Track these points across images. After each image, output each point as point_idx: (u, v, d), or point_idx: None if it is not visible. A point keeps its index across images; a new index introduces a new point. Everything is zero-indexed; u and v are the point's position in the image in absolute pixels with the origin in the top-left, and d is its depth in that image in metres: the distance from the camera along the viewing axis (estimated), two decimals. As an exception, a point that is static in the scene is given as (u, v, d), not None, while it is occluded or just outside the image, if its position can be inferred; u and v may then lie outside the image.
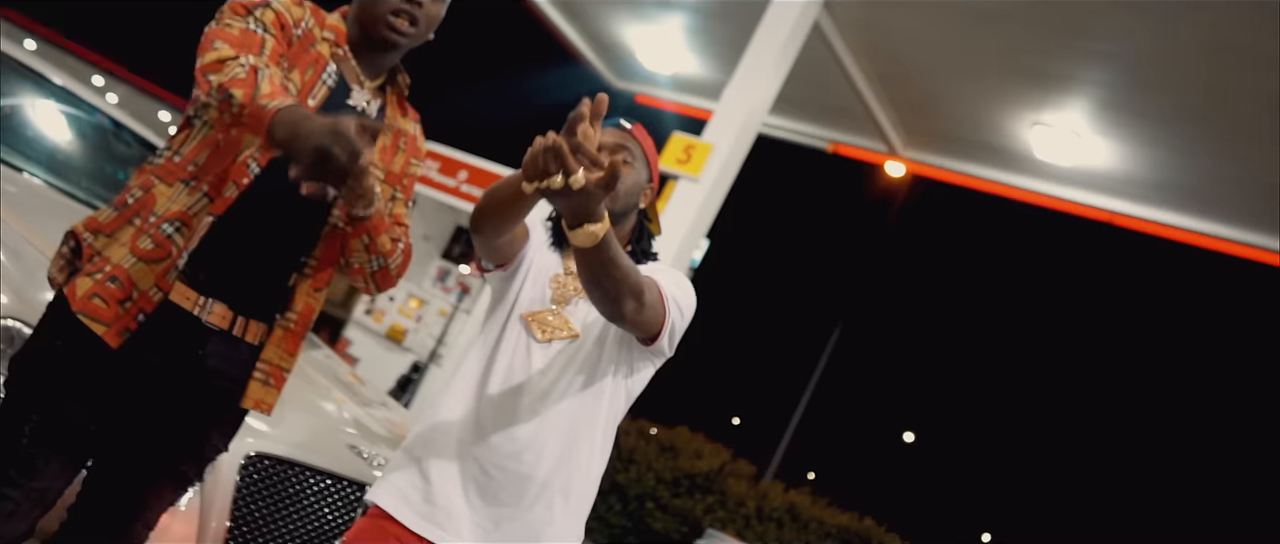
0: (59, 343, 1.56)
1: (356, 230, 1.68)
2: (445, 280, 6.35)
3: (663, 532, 8.26)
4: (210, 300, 1.62)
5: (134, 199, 1.60)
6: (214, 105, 1.45)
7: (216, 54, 1.48)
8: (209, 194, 1.59)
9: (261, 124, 1.38)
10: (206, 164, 1.60)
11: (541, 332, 1.69)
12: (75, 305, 1.54)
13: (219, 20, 1.57)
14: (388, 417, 2.97)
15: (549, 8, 8.44)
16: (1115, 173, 6.37)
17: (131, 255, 1.56)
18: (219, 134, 1.60)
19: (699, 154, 5.88)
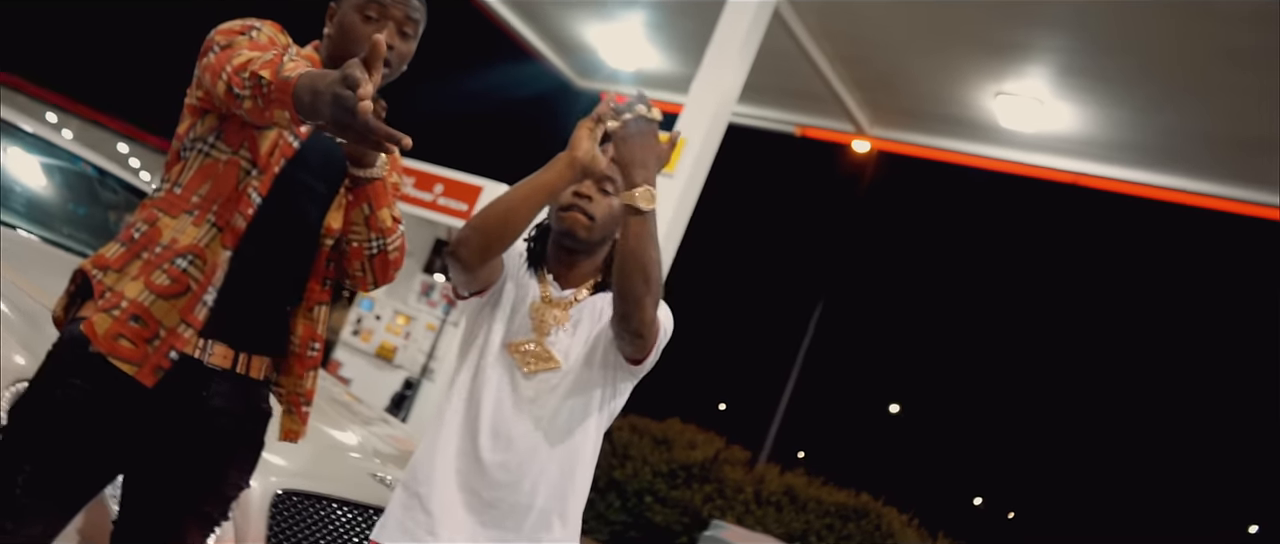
0: (77, 382, 1.55)
1: (357, 198, 1.70)
2: (430, 294, 6.37)
3: (664, 524, 8.33)
4: (210, 341, 1.63)
5: (139, 233, 1.61)
6: (247, 95, 1.47)
7: (244, 56, 1.51)
8: (217, 225, 1.60)
9: (287, 94, 1.40)
10: (210, 194, 1.61)
11: (525, 364, 1.71)
12: (99, 345, 1.54)
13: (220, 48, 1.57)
14: (391, 433, 3.03)
15: (507, 12, 8.45)
16: (1080, 136, 6.49)
17: (148, 291, 1.56)
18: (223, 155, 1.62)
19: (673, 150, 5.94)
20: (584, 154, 1.63)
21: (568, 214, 1.73)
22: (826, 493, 8.82)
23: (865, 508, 8.59)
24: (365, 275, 1.79)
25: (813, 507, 8.70)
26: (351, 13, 1.69)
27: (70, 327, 1.61)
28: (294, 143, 1.66)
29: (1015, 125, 6.58)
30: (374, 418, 3.19)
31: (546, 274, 1.78)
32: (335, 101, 1.30)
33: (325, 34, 1.75)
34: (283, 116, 1.44)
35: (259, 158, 1.63)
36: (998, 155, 7.06)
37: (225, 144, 1.63)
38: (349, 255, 1.76)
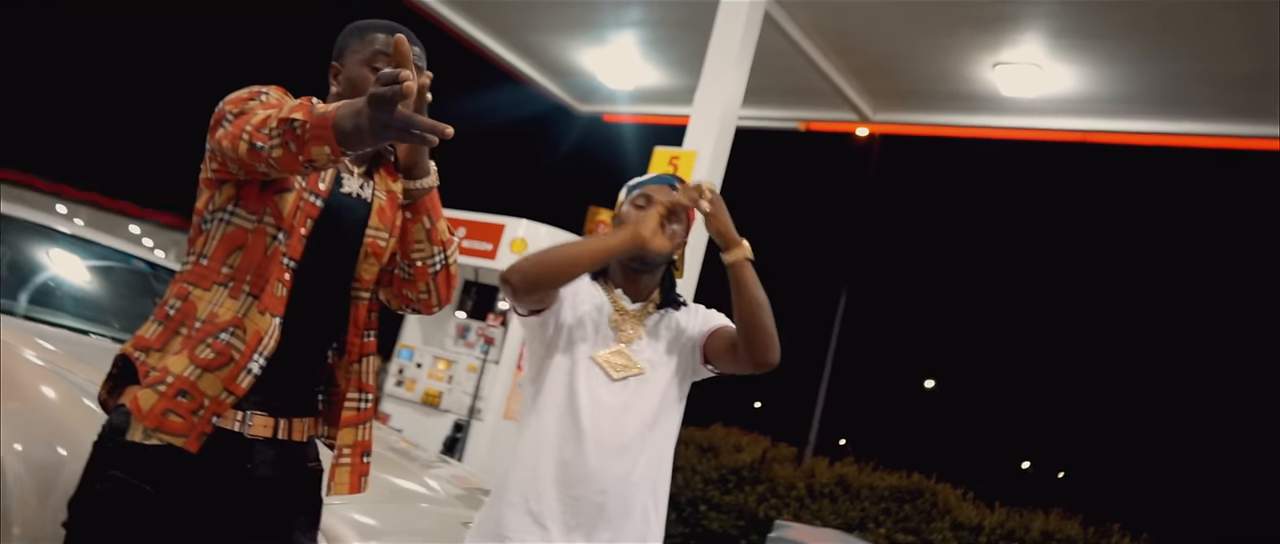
0: (116, 473, 1.56)
1: (417, 212, 1.76)
2: (467, 336, 6.48)
3: (720, 531, 8.39)
4: (248, 413, 1.65)
5: (175, 310, 1.64)
6: (277, 144, 1.48)
7: (260, 115, 1.54)
8: (253, 293, 1.62)
9: (326, 127, 1.43)
10: (241, 265, 1.64)
11: (614, 371, 1.86)
12: (146, 422, 1.55)
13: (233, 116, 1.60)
14: (454, 474, 3.15)
15: (502, 49, 8.59)
16: (1081, 95, 6.55)
17: (192, 365, 1.58)
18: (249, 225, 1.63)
19: (684, 163, 6.04)
20: (650, 234, 1.79)
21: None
22: (878, 478, 8.86)
23: (919, 487, 8.62)
24: (430, 295, 1.83)
25: (866, 493, 8.74)
26: (360, 67, 1.75)
27: (112, 415, 1.63)
28: (317, 202, 1.69)
29: (1017, 93, 6.65)
30: (433, 461, 3.32)
31: (614, 288, 1.96)
32: (374, 102, 1.34)
33: (332, 92, 1.80)
34: (322, 153, 1.45)
35: (283, 221, 1.65)
36: (1003, 124, 7.13)
37: (247, 211, 1.66)
38: (414, 277, 1.79)
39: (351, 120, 1.41)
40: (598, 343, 1.88)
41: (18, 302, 2.86)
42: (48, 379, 2.38)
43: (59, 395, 2.32)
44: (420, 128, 1.36)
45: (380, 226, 1.77)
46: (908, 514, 8.52)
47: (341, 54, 1.80)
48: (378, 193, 1.79)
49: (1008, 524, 8.10)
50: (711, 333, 1.96)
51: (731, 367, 1.93)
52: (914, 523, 8.46)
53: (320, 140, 1.44)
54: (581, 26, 7.70)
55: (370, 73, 1.74)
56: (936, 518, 8.38)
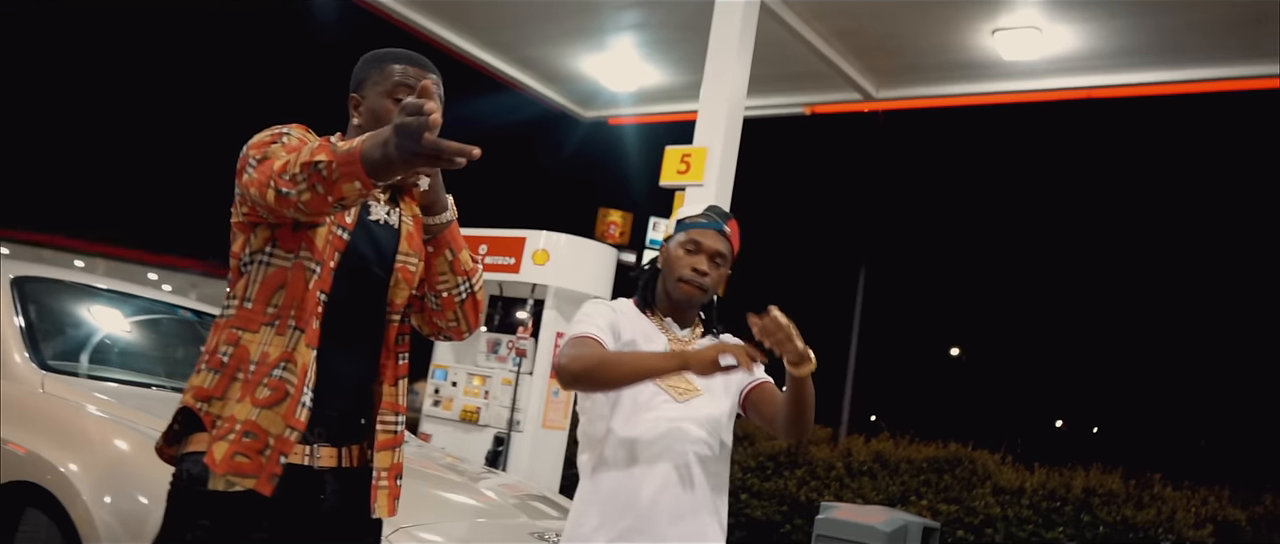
0: (205, 522, 1.60)
1: (438, 246, 1.81)
2: (498, 350, 6.58)
3: (764, 518, 8.46)
4: (315, 447, 1.70)
5: (227, 356, 1.66)
6: (304, 188, 1.50)
7: (280, 162, 1.56)
8: (298, 327, 1.66)
9: (354, 161, 1.44)
10: (285, 302, 1.67)
11: (678, 394, 2.01)
12: (219, 470, 1.59)
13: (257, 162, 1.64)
14: (502, 483, 3.26)
15: (503, 64, 8.68)
16: (1083, 52, 6.59)
17: (253, 407, 1.61)
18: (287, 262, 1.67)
19: (696, 160, 6.11)
20: (700, 370, 1.83)
21: (685, 286, 2.07)
22: (915, 451, 8.90)
23: (956, 456, 8.66)
24: (459, 323, 1.88)
25: (904, 467, 8.79)
26: (381, 98, 1.79)
27: (184, 465, 1.66)
28: (344, 235, 1.73)
29: (1019, 57, 6.69)
30: (481, 473, 3.42)
31: (663, 317, 2.11)
32: (401, 131, 1.37)
33: (353, 124, 1.84)
34: (352, 189, 1.47)
35: (316, 254, 1.69)
36: (1008, 89, 7.16)
37: (284, 250, 1.69)
38: (442, 307, 1.84)
39: (379, 151, 1.43)
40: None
41: (79, 362, 2.98)
42: (119, 432, 2.48)
43: (132, 446, 2.43)
44: (448, 152, 1.37)
45: (410, 252, 1.83)
46: (948, 484, 8.57)
47: (361, 86, 1.84)
48: (405, 218, 1.84)
49: (1049, 484, 8.14)
50: (755, 386, 2.11)
51: (763, 424, 2.11)
52: (955, 492, 8.51)
53: (349, 177, 1.46)
54: (579, 35, 7.78)
55: (392, 103, 1.77)
56: (977, 485, 8.42)
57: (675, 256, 2.10)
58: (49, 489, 2.26)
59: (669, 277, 2.10)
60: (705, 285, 2.07)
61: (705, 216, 2.13)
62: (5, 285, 3.01)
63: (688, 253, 2.08)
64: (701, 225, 2.11)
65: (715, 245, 2.08)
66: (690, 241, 2.09)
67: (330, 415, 1.73)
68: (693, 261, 2.07)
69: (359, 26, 8.54)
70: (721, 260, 2.09)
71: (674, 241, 2.13)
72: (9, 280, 3.04)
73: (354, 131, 1.83)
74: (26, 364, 2.75)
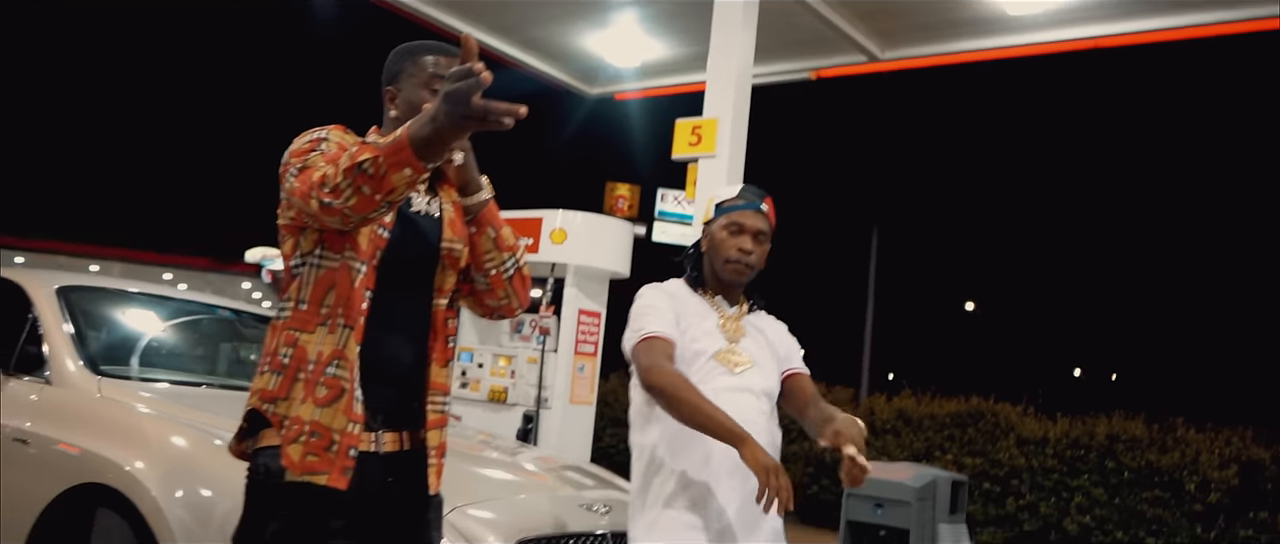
0: (285, 512, 1.68)
1: (480, 225, 1.87)
2: (522, 330, 6.67)
3: (792, 480, 8.58)
4: (380, 433, 1.77)
5: (287, 358, 1.73)
6: (350, 194, 1.55)
7: (320, 172, 1.61)
8: (347, 324, 1.72)
9: (402, 147, 1.49)
10: (335, 303, 1.73)
11: (733, 367, 2.15)
12: (296, 471, 1.67)
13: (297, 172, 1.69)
14: (538, 456, 3.36)
15: (506, 46, 8.70)
16: (1088, 1, 6.57)
17: (315, 407, 1.69)
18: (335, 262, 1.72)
19: (707, 132, 6.15)
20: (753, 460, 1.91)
21: (734, 266, 2.20)
22: (937, 407, 9.00)
23: (978, 410, 8.75)
24: (509, 299, 1.95)
25: (928, 423, 8.89)
26: (418, 90, 1.84)
27: (259, 460, 1.73)
28: (384, 234, 1.77)
29: (1023, 10, 6.68)
30: (516, 447, 3.54)
31: (714, 296, 2.24)
32: (450, 97, 1.41)
33: (390, 117, 1.89)
34: (402, 177, 1.51)
35: (361, 254, 1.74)
36: (1014, 42, 7.15)
37: (332, 251, 1.75)
38: (491, 286, 1.90)
39: (427, 127, 1.47)
40: (714, 345, 2.16)
41: (130, 365, 3.07)
42: (177, 430, 2.58)
43: (190, 443, 2.53)
44: (496, 112, 1.41)
45: (454, 238, 1.89)
46: (972, 437, 8.66)
47: (396, 78, 1.89)
48: (445, 206, 1.90)
49: (1072, 433, 8.22)
50: (792, 374, 2.28)
51: (788, 410, 2.28)
52: (979, 445, 8.60)
53: (398, 165, 1.50)
54: (582, 13, 7.79)
55: (429, 94, 1.82)
56: (1001, 437, 8.52)
57: (720, 240, 2.22)
58: (118, 488, 2.36)
59: (716, 259, 2.23)
60: (752, 263, 2.22)
61: (742, 198, 2.24)
62: (52, 296, 3.10)
63: (731, 235, 2.21)
64: (740, 207, 2.23)
65: (756, 224, 2.21)
66: (732, 224, 2.21)
67: (388, 403, 1.80)
68: (738, 242, 2.20)
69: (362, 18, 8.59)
70: (763, 237, 2.23)
71: (716, 225, 2.24)
72: (54, 290, 3.14)
73: (390, 124, 1.88)
74: (82, 371, 2.84)
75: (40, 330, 3.00)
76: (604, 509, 2.68)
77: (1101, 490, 7.88)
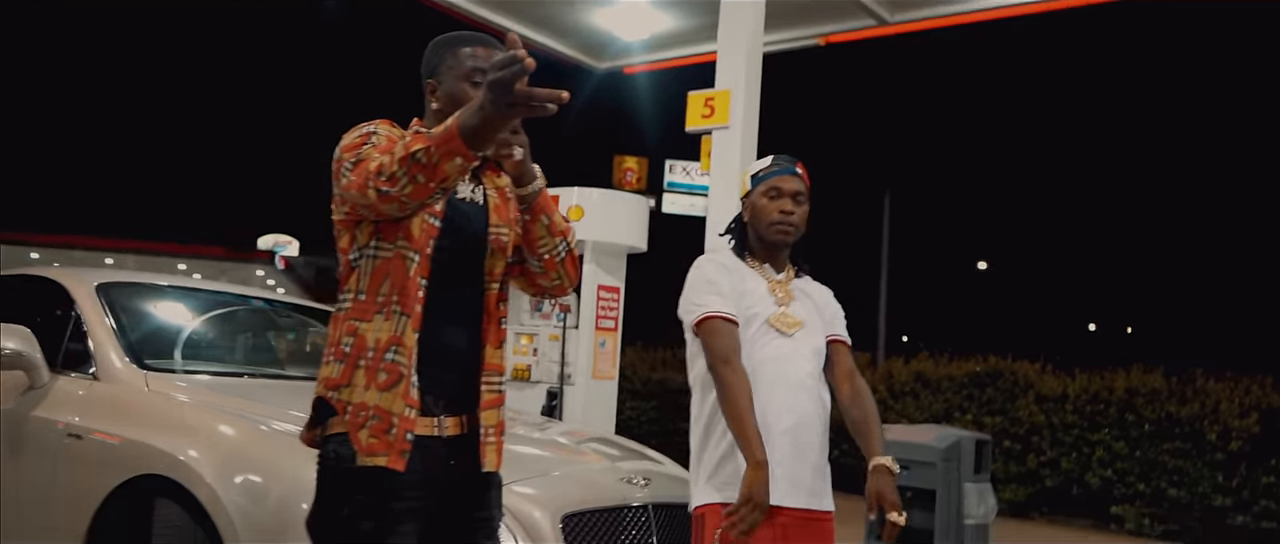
0: (360, 496, 1.75)
1: (534, 213, 1.93)
2: (542, 308, 6.73)
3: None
4: (442, 418, 1.84)
5: (349, 347, 1.80)
6: (405, 183, 1.62)
7: (375, 162, 1.67)
8: (403, 312, 1.78)
9: (453, 137, 1.56)
10: (392, 290, 1.79)
11: (785, 329, 2.25)
12: (363, 455, 1.74)
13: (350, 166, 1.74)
14: (566, 430, 3.45)
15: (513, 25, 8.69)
16: (1097, -45, 6.53)
17: (376, 392, 1.76)
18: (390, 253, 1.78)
19: (720, 103, 6.16)
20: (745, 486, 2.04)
21: (778, 229, 2.30)
22: (955, 368, 9.05)
23: (996, 369, 8.80)
24: (562, 281, 2.02)
25: (946, 385, 8.94)
26: (459, 82, 1.89)
27: (329, 446, 1.80)
28: (436, 223, 1.83)
29: (1031, -33, 6.65)
30: (543, 422, 3.62)
31: (762, 264, 2.34)
32: (494, 86, 1.48)
33: (431, 109, 1.94)
34: (454, 166, 1.59)
35: (414, 243, 1.80)
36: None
37: (387, 242, 1.81)
38: (545, 269, 1.97)
39: (476, 116, 1.54)
40: (766, 310, 2.26)
41: (174, 358, 3.14)
42: (225, 419, 2.65)
43: (238, 431, 2.60)
44: (540, 99, 1.49)
45: (500, 223, 1.95)
46: (991, 397, 8.72)
47: (435, 71, 1.94)
48: (490, 193, 1.97)
49: (1091, 388, 8.27)
50: (836, 340, 2.37)
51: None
52: (999, 404, 8.66)
53: (450, 154, 1.58)
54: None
55: (469, 86, 1.87)
56: (1020, 395, 8.57)
57: (760, 206, 2.32)
58: (174, 478, 2.44)
59: (759, 225, 2.32)
60: (795, 223, 2.31)
61: (776, 164, 2.35)
62: (92, 294, 3.17)
63: (771, 199, 2.30)
64: (776, 173, 2.32)
65: (794, 186, 2.31)
66: (770, 189, 2.31)
67: (449, 388, 1.87)
68: (778, 205, 2.30)
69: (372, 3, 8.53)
70: (801, 197, 2.32)
71: (755, 193, 2.34)
72: (94, 288, 3.20)
73: (432, 116, 1.94)
74: (129, 367, 2.91)
75: (83, 328, 3.07)
76: (643, 481, 2.74)
77: (1122, 444, 7.94)
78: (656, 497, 2.72)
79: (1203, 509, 7.53)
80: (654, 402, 10.89)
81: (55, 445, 2.77)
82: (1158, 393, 7.91)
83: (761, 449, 2.06)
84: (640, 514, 2.65)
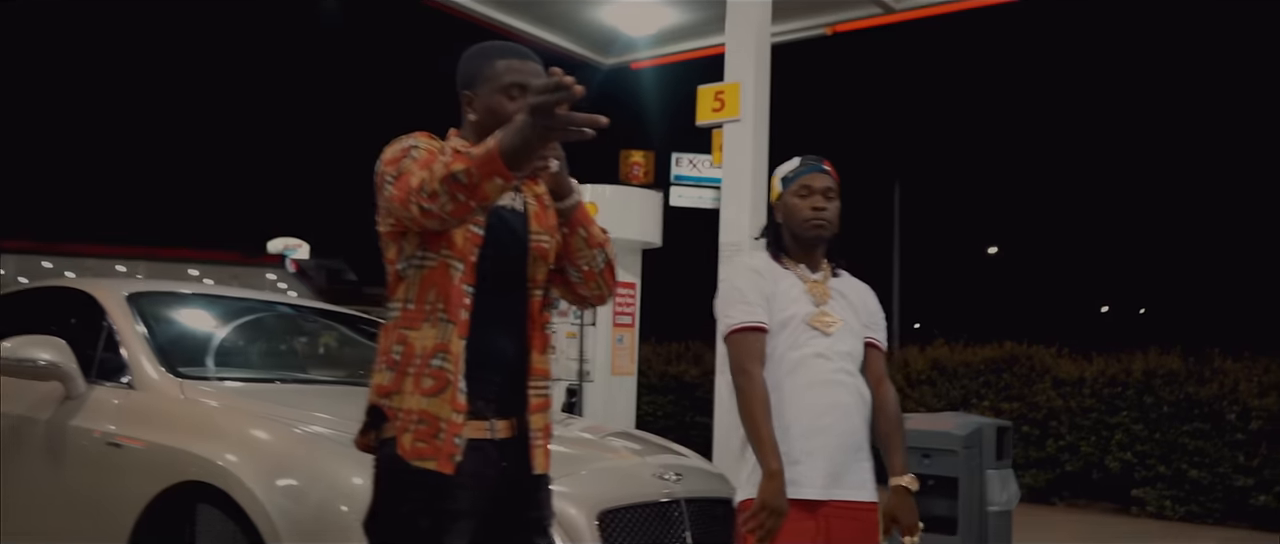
0: (417, 495, 1.80)
1: (572, 226, 1.97)
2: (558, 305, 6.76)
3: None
4: (494, 421, 1.89)
5: (398, 355, 1.85)
6: (446, 201, 1.66)
7: (416, 178, 1.72)
8: (448, 319, 1.83)
9: (493, 158, 1.60)
10: (438, 298, 1.84)
11: (825, 328, 2.29)
12: (407, 457, 1.79)
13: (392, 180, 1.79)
14: (590, 426, 3.51)
15: (519, 23, 8.69)
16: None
17: (422, 397, 1.81)
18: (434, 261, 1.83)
19: (730, 96, 6.17)
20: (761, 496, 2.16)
21: (811, 225, 2.33)
22: (971, 354, 9.05)
23: (1012, 355, 8.80)
24: (601, 290, 2.07)
25: (963, 371, 8.95)
26: (495, 95, 1.92)
27: (383, 450, 1.86)
28: (480, 232, 1.87)
29: (1039, -49, 6.64)
30: (567, 419, 3.66)
31: (797, 265, 2.37)
32: (537, 111, 1.54)
33: (469, 120, 1.97)
34: (494, 187, 1.64)
35: (458, 251, 1.85)
36: (1031, -15, 7.10)
37: (432, 251, 1.85)
38: (584, 279, 2.02)
39: (516, 138, 1.59)
40: (803, 310, 2.31)
41: (206, 366, 3.19)
42: (260, 424, 2.69)
43: (274, 436, 2.63)
44: (578, 123, 1.56)
45: (541, 230, 1.98)
46: (1008, 382, 8.72)
47: (472, 83, 1.97)
48: (529, 201, 2.00)
49: (1109, 371, 8.26)
50: (872, 342, 2.41)
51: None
52: (1016, 389, 8.66)
53: (490, 174, 1.62)
54: (595, -17, 7.78)
55: (505, 99, 1.91)
56: (1037, 380, 8.57)
57: (793, 205, 2.36)
58: (215, 484, 2.48)
59: (793, 224, 2.36)
60: (828, 219, 2.35)
61: (804, 163, 2.39)
62: (123, 303, 3.21)
63: (803, 198, 2.34)
64: (805, 171, 2.36)
65: (824, 183, 2.35)
66: (801, 188, 2.35)
67: (500, 391, 1.92)
68: (810, 203, 2.34)
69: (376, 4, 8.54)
70: (832, 193, 2.36)
71: (786, 194, 2.38)
72: (124, 298, 3.25)
73: (469, 128, 1.98)
74: (163, 375, 2.96)
75: (116, 338, 3.11)
76: (675, 476, 2.77)
77: (1141, 426, 7.94)
78: (689, 491, 2.75)
79: (1224, 489, 7.53)
80: (670, 396, 10.92)
81: (95, 454, 2.82)
82: (1176, 374, 7.90)
83: (776, 459, 2.15)
84: (674, 510, 2.67)
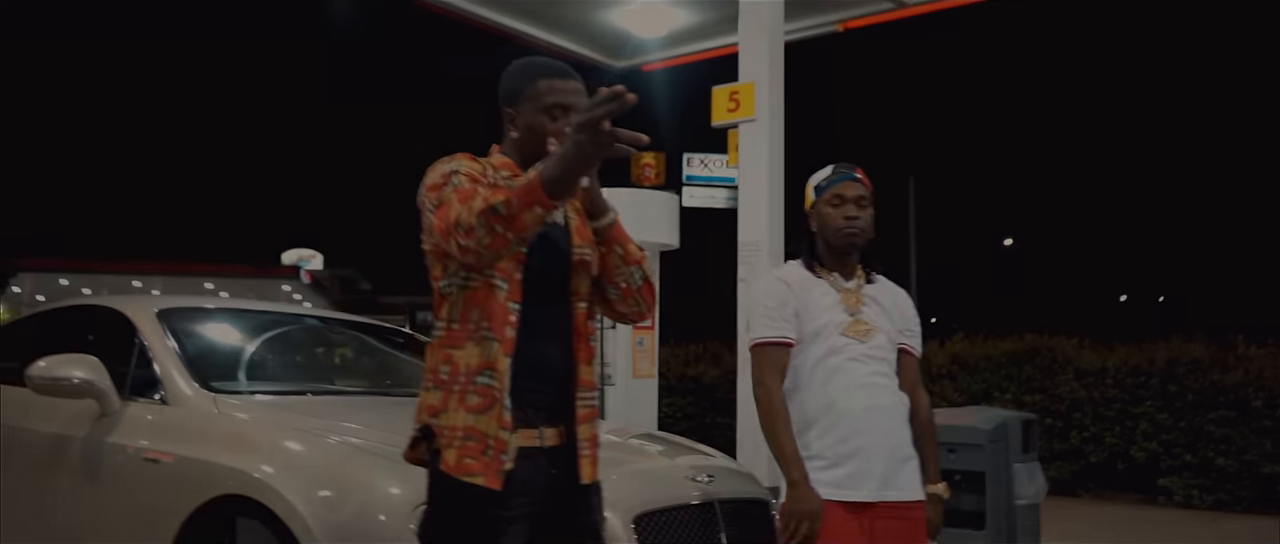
0: (470, 507, 1.82)
1: (609, 244, 1.99)
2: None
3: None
4: (543, 429, 1.91)
5: (445, 374, 1.88)
6: (483, 234, 1.68)
7: (454, 213, 1.74)
8: (494, 337, 1.85)
9: (535, 188, 1.62)
10: (482, 317, 1.86)
11: (860, 336, 2.32)
12: (453, 473, 1.82)
13: (433, 208, 1.82)
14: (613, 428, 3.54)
15: (530, 28, 8.73)
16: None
17: (468, 414, 1.84)
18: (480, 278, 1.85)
19: (745, 96, 6.18)
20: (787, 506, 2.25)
21: (845, 233, 2.36)
22: (991, 347, 9.01)
23: (1033, 347, 8.76)
24: (640, 306, 2.08)
25: (983, 365, 8.91)
26: (538, 114, 1.94)
27: (435, 461, 1.88)
28: (524, 250, 1.88)
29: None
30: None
31: (830, 273, 2.39)
32: (584, 128, 1.56)
33: (511, 137, 2.00)
34: (533, 217, 1.65)
35: (502, 271, 1.87)
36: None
37: (475, 272, 1.87)
38: (623, 296, 2.03)
39: (559, 166, 1.62)
40: (838, 318, 2.34)
41: (238, 379, 3.22)
42: (293, 436, 2.72)
43: (310, 448, 2.66)
44: (622, 140, 1.58)
45: (582, 244, 2.00)
46: (1029, 375, 8.68)
47: (515, 101, 1.99)
48: (570, 215, 2.03)
49: (1131, 361, 8.22)
50: (906, 348, 2.44)
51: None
52: (1038, 382, 8.62)
53: (530, 204, 1.65)
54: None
55: (547, 118, 1.94)
56: (1058, 371, 8.53)
57: (826, 214, 2.38)
58: (254, 497, 2.50)
59: (827, 233, 2.38)
60: (861, 227, 2.38)
61: (837, 172, 2.41)
62: (154, 320, 3.24)
63: (836, 207, 2.37)
64: (838, 180, 2.38)
65: (856, 191, 2.37)
66: (834, 197, 2.37)
67: (549, 401, 1.95)
68: (843, 212, 2.36)
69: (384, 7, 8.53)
70: (865, 201, 2.38)
71: (819, 203, 2.40)
72: (155, 314, 3.28)
73: (511, 145, 2.01)
74: (197, 390, 2.99)
75: (148, 354, 3.14)
76: (707, 478, 2.78)
77: (1166, 416, 7.89)
78: (722, 492, 2.76)
79: (1253, 477, 7.47)
80: (690, 397, 10.91)
81: (132, 470, 2.85)
82: (1199, 362, 7.85)
83: (798, 469, 2.21)
84: (707, 511, 2.68)
